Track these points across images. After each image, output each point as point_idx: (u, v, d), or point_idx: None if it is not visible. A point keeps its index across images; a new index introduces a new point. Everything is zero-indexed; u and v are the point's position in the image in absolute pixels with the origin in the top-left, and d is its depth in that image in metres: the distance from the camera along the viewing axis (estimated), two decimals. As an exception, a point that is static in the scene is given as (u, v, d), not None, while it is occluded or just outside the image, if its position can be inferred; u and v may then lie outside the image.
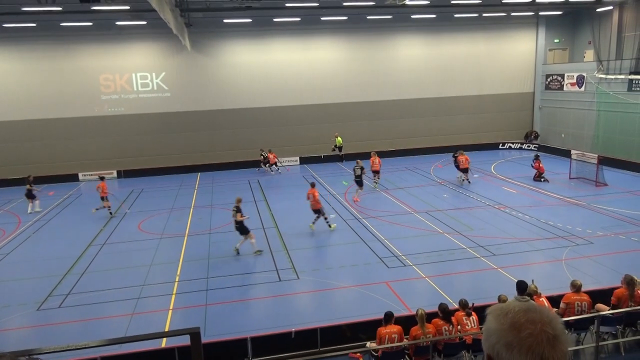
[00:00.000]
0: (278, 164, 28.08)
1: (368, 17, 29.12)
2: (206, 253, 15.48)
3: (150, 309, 11.86)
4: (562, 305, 9.18)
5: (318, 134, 30.55)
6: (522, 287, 9.02)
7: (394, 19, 29.40)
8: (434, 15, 29.51)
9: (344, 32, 30.11)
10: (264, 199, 22.07)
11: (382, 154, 29.91)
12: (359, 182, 20.63)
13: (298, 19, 28.17)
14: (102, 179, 21.03)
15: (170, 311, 11.71)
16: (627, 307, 8.67)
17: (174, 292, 12.69)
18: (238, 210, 15.05)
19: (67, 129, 27.92)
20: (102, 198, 20.04)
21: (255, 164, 28.92)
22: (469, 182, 22.66)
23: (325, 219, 17.21)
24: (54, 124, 27.73)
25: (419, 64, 31.39)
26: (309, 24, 28.74)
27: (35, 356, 1.35)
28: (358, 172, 20.59)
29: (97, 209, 20.17)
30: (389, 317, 8.62)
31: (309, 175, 26.78)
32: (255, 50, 29.31)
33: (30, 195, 21.15)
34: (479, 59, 32.06)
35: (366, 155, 27.76)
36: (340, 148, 29.75)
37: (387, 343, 8.28)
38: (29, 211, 21.06)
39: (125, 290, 12.86)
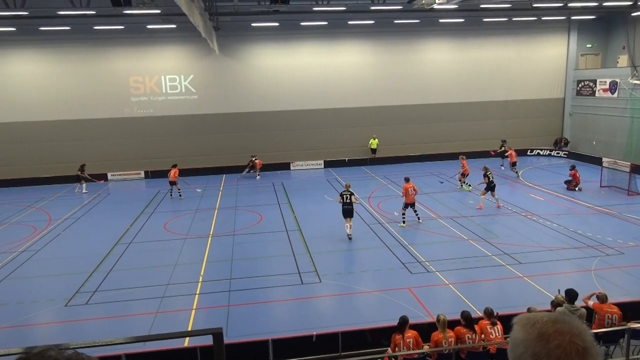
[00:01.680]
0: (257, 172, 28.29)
1: (395, 21, 29.01)
2: (230, 254, 15.61)
3: (174, 308, 12.02)
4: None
5: (343, 137, 30.56)
6: (572, 296, 8.80)
7: (422, 23, 29.21)
8: (462, 20, 29.21)
9: (370, 36, 30.07)
10: (288, 201, 22.16)
11: (408, 159, 29.88)
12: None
13: (325, 23, 28.25)
14: (174, 166, 23.72)
15: (194, 311, 11.84)
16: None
17: (198, 292, 12.84)
18: (352, 193, 16.57)
19: (97, 130, 28.61)
20: (172, 182, 23.00)
21: (279, 167, 29.10)
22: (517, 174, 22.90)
23: (416, 212, 18.12)
24: (85, 124, 28.45)
25: (446, 68, 31.09)
26: (336, 27, 28.80)
27: (79, 351, 1.39)
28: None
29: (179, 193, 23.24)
30: (404, 323, 8.51)
31: (333, 178, 26.78)
32: (282, 54, 29.53)
33: (81, 179, 25.29)
34: (508, 64, 31.57)
35: (393, 160, 27.65)
36: (375, 151, 29.84)
37: (403, 349, 8.19)
38: (76, 191, 25.28)
39: (150, 289, 13.07)
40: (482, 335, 8.62)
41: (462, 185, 23.25)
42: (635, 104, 26.77)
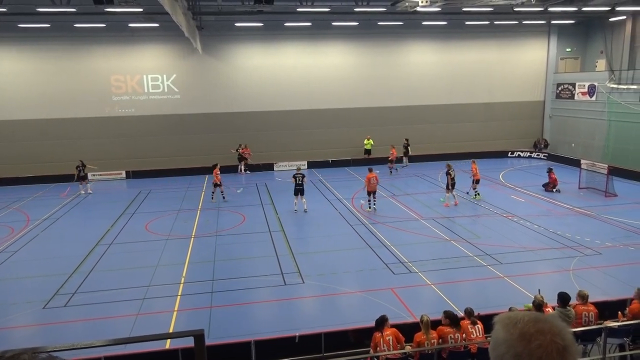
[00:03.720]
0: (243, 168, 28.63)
1: (379, 23, 29.16)
2: (212, 255, 15.51)
3: (156, 310, 11.90)
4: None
5: (327, 138, 30.61)
6: (565, 299, 8.89)
7: (405, 25, 29.42)
8: (445, 23, 29.49)
9: (354, 38, 30.18)
10: (271, 202, 22.11)
11: (411, 159, 29.98)
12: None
13: (309, 24, 28.27)
14: (215, 165, 22.72)
15: (175, 312, 11.74)
16: None
17: (179, 294, 12.73)
18: (303, 176, 19.98)
19: (78, 129, 28.18)
20: (215, 184, 22.07)
21: (262, 167, 29.05)
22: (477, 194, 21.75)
23: (369, 201, 19.88)
24: (65, 123, 28.01)
25: (429, 70, 31.36)
26: (320, 29, 28.83)
27: (53, 354, 1.36)
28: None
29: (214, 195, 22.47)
30: (382, 322, 8.55)
31: (317, 179, 26.78)
32: (266, 55, 29.47)
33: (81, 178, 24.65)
34: (489, 67, 31.97)
35: (378, 161, 27.75)
36: (369, 151, 29.94)
37: (384, 347, 8.23)
38: (82, 192, 24.71)
39: (131, 290, 12.91)
40: (463, 335, 8.71)
41: (475, 195, 21.48)
42: (612, 107, 27.34)
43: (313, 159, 30.52)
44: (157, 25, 26.28)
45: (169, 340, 9.70)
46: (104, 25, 26.47)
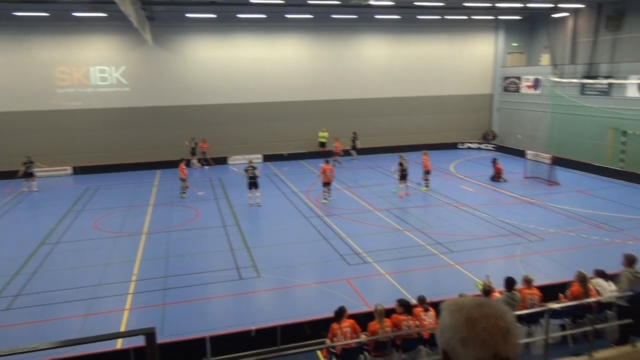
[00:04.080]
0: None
1: (333, 16, 29.20)
2: (165, 251, 15.19)
3: (106, 310, 11.55)
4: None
5: (282, 131, 30.49)
6: (511, 283, 9.29)
7: (359, 18, 29.60)
8: (398, 17, 29.87)
9: (309, 31, 30.12)
10: (226, 196, 21.85)
11: (347, 153, 30.23)
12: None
13: (263, 16, 27.97)
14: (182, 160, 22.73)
15: (127, 311, 11.43)
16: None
17: (131, 292, 12.40)
18: (255, 168, 19.88)
19: (20, 123, 26.79)
20: (182, 179, 21.62)
21: (216, 161, 28.62)
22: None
23: (324, 192, 20.32)
24: (6, 117, 26.55)
25: (383, 64, 31.73)
26: (274, 21, 28.59)
27: None
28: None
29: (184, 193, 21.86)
30: (341, 313, 8.69)
31: (272, 173, 26.67)
32: (220, 47, 28.96)
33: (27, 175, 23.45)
34: (441, 61, 32.67)
35: (331, 154, 27.87)
36: (324, 144, 29.95)
37: (340, 338, 8.35)
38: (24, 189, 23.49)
39: (79, 290, 12.47)
40: (417, 322, 8.93)
41: (425, 186, 22.00)
42: (556, 100, 28.59)
43: (268, 152, 30.34)
44: (104, 15, 25.26)
45: (120, 340, 9.45)
46: (47, 14, 25.20)
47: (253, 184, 19.77)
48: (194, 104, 29.00)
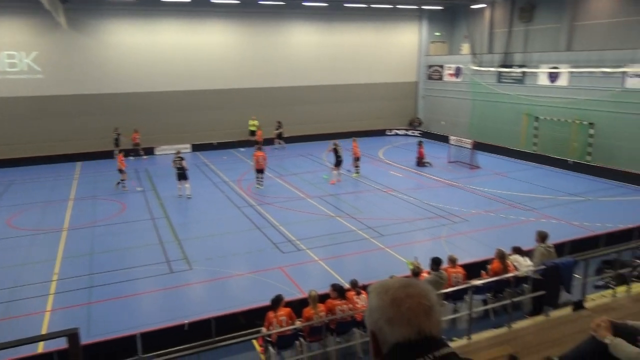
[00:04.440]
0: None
1: (260, 2, 28.76)
2: (89, 248, 14.45)
3: (25, 312, 10.83)
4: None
5: (211, 120, 29.79)
6: (437, 263, 9.77)
7: (287, 5, 29.38)
8: (325, 4, 29.97)
9: (236, 17, 29.48)
10: (153, 188, 21.09)
11: (285, 139, 30.11)
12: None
13: (187, 0, 27.02)
14: (121, 152, 22.11)
15: (48, 313, 10.80)
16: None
17: (52, 292, 11.72)
18: (182, 159, 19.23)
19: None
20: (120, 171, 20.65)
21: (145, 151, 27.48)
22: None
23: (258, 179, 20.60)
24: None
25: (312, 51, 31.77)
26: (199, 6, 27.69)
27: None
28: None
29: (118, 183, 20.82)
30: (277, 301, 8.75)
31: (201, 162, 26.05)
32: (142, 32, 27.64)
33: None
34: (368, 49, 33.23)
35: (263, 142, 27.64)
36: (254, 133, 29.46)
37: (276, 326, 8.41)
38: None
39: (-7, 293, 11.59)
40: (350, 305, 9.16)
41: (356, 172, 22.40)
42: (475, 87, 30.08)
43: (197, 141, 29.57)
44: (9, -5, 23.30)
45: (42, 343, 8.92)
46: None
47: (181, 175, 19.22)
48: (116, 92, 27.59)
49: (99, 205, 18.72)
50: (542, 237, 10.06)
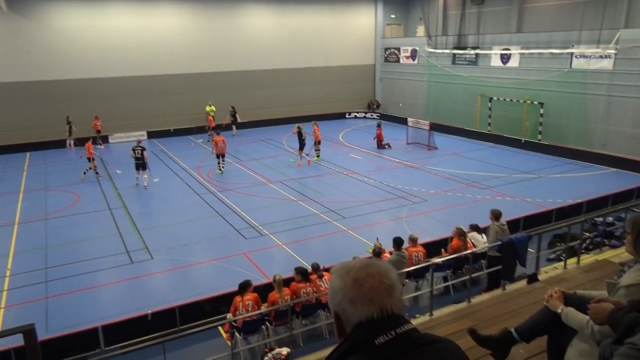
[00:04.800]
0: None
1: (213, -16, 28.08)
2: (43, 241, 13.94)
3: (-24, 310, 10.39)
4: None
5: (167, 106, 29.05)
6: (399, 243, 10.02)
7: (241, -13, 28.80)
8: (280, -14, 29.56)
9: (188, -1, 28.69)
10: (109, 177, 20.48)
11: (239, 125, 29.70)
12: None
13: (136, -18, 26.06)
14: (88, 140, 21.31)
15: (2, 310, 10.40)
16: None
17: (5, 288, 11.28)
18: (143, 149, 18.65)
19: None
20: (89, 159, 20.17)
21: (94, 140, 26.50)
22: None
23: (218, 164, 20.54)
24: None
25: (269, 34, 31.34)
26: (149, -13, 26.75)
27: None
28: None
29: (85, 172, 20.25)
30: (244, 287, 8.76)
31: (158, 150, 25.43)
32: (89, 15, 26.43)
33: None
34: (324, 32, 33.09)
35: (220, 128, 27.19)
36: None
37: (242, 311, 8.43)
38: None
39: (-60, 292, 11.04)
40: (314, 288, 9.27)
41: (317, 156, 22.42)
42: (431, 69, 30.54)
43: (153, 128, 28.81)
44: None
45: (-3, 342, 8.60)
46: None
47: (140, 164, 18.63)
48: (64, 78, 26.39)
49: (52, 197, 18.03)
50: (496, 215, 10.42)
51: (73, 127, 25.77)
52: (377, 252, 9.95)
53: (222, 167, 20.62)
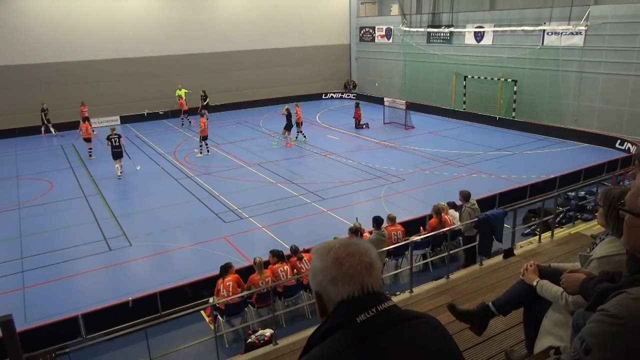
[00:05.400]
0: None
1: (183, -37, 27.33)
2: (17, 231, 13.65)
3: (-49, 303, 10.17)
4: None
5: (139, 90, 28.43)
6: (378, 222, 10.09)
7: (212, -34, 28.12)
8: (252, -36, 28.96)
9: (157, -22, 27.89)
10: (82, 164, 20.06)
11: (211, 109, 29.31)
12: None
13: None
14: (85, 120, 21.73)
15: (-22, 302, 10.20)
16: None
17: (-20, 280, 11.04)
18: (120, 136, 17.93)
19: None
20: (87, 140, 20.47)
21: (68, 126, 25.80)
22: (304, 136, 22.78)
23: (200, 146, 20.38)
24: None
25: (241, 15, 30.79)
26: (117, -33, 25.90)
27: None
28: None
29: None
30: (225, 269, 8.78)
31: (132, 135, 24.96)
32: (54, -5, 25.52)
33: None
34: (299, 11, 32.68)
35: (196, 111, 26.81)
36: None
37: (224, 292, 8.46)
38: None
39: None
40: (295, 271, 9.33)
41: (303, 137, 22.50)
42: (406, 48, 30.53)
43: (126, 112, 28.21)
44: None
45: (-26, 334, 8.45)
46: None
47: (117, 153, 17.78)
48: (27, 62, 25.52)
49: (23, 186, 17.59)
50: (465, 197, 10.56)
51: (47, 115, 24.95)
52: (356, 231, 10.05)
53: (208, 149, 20.58)
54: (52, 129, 25.27)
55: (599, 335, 1.51)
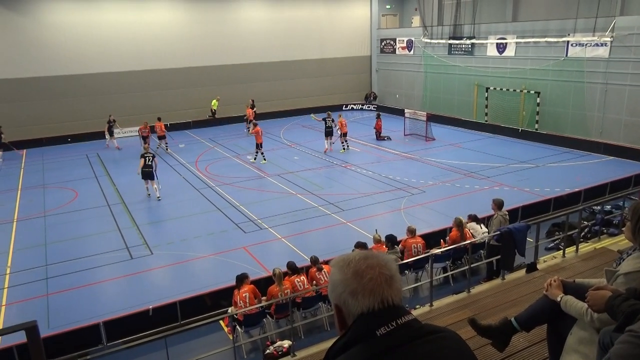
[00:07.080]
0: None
1: (207, -23, 27.86)
2: (42, 238, 13.94)
3: (-23, 309, 10.41)
4: (400, 247, 10.36)
5: (163, 100, 28.92)
6: (393, 241, 10.17)
7: (235, -20, 28.59)
8: (274, -22, 29.35)
9: (182, -8, 28.48)
10: (106, 173, 20.44)
11: (230, 120, 29.66)
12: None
13: (129, -24, 25.83)
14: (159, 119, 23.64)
15: (4, 307, 10.42)
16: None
17: (6, 286, 11.29)
18: (154, 156, 17.30)
19: None
20: (144, 138, 21.88)
21: (93, 136, 26.40)
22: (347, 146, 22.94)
23: (256, 152, 20.83)
24: None
25: (262, 27, 31.16)
26: (143, -19, 26.53)
27: None
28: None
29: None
30: (241, 280, 8.78)
31: (155, 145, 25.31)
32: (82, 10, 26.23)
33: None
34: (320, 24, 32.93)
35: (215, 122, 27.11)
36: (214, 112, 29.02)
37: (240, 303, 8.46)
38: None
39: (-59, 291, 11.05)
40: (314, 282, 9.31)
41: (347, 147, 22.68)
42: (427, 60, 30.45)
43: (151, 123, 28.59)
44: None
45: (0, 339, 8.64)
46: None
47: (148, 173, 16.54)
48: (58, 74, 26.22)
49: (50, 194, 18.00)
50: (499, 205, 10.46)
51: (112, 127, 25.26)
52: (377, 242, 9.99)
53: (264, 156, 21.04)
54: (115, 141, 25.24)
55: (627, 357, 1.47)
